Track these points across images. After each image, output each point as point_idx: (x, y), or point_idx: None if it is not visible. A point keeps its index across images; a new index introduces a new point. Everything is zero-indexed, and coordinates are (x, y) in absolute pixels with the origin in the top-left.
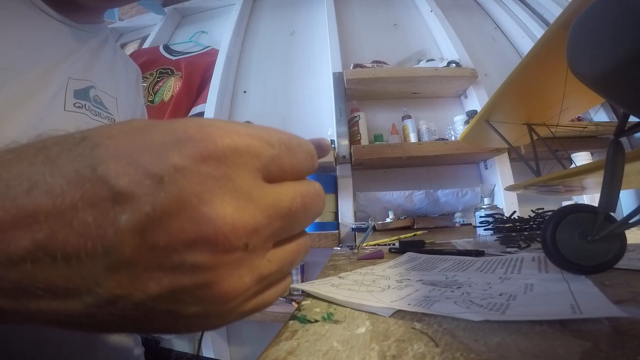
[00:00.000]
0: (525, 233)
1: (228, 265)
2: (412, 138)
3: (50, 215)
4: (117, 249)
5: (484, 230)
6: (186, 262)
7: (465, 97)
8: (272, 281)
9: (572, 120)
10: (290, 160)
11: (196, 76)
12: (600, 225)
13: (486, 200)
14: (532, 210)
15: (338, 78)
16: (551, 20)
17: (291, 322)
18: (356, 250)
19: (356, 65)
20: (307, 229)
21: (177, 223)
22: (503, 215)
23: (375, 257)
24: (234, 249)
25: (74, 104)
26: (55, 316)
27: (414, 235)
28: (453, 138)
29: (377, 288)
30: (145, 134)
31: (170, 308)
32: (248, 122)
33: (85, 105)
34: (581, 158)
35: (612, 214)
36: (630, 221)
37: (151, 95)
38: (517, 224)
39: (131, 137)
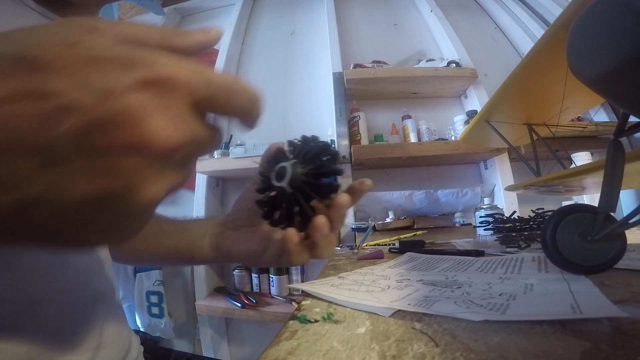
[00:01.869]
0: (525, 233)
1: (152, 174)
2: (412, 138)
3: None
4: (54, 147)
5: (484, 230)
6: (117, 165)
7: (465, 97)
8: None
9: (572, 120)
10: (224, 103)
11: None
12: (600, 225)
13: (486, 200)
14: (532, 210)
15: (338, 78)
16: (551, 20)
17: (291, 322)
18: (356, 250)
19: (356, 65)
20: None
21: (117, 131)
22: (503, 215)
23: (375, 257)
24: (161, 159)
25: None
26: None
27: (414, 235)
28: (453, 138)
29: (377, 288)
30: (94, 52)
31: (91, 213)
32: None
33: None
34: (581, 158)
35: (612, 214)
36: (630, 221)
37: None
38: (517, 224)
39: (79, 57)
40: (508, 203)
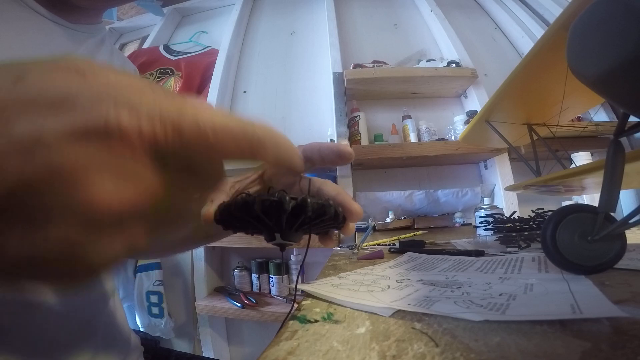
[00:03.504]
0: (525, 233)
1: (101, 236)
2: (412, 138)
3: None
4: None
5: (484, 230)
6: (53, 231)
7: (465, 97)
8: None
9: (572, 120)
10: (204, 154)
11: (196, 76)
12: (600, 225)
13: (486, 200)
14: (532, 210)
15: (338, 78)
16: (551, 20)
17: (291, 322)
18: (356, 250)
19: (356, 65)
20: None
21: (49, 190)
22: (503, 215)
23: (375, 257)
24: (106, 223)
25: None
26: None
27: (414, 235)
28: (453, 138)
29: (377, 288)
30: (19, 85)
31: (34, 270)
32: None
33: None
34: (581, 158)
35: (612, 214)
36: (630, 221)
37: None
38: (517, 224)
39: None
40: (508, 203)
